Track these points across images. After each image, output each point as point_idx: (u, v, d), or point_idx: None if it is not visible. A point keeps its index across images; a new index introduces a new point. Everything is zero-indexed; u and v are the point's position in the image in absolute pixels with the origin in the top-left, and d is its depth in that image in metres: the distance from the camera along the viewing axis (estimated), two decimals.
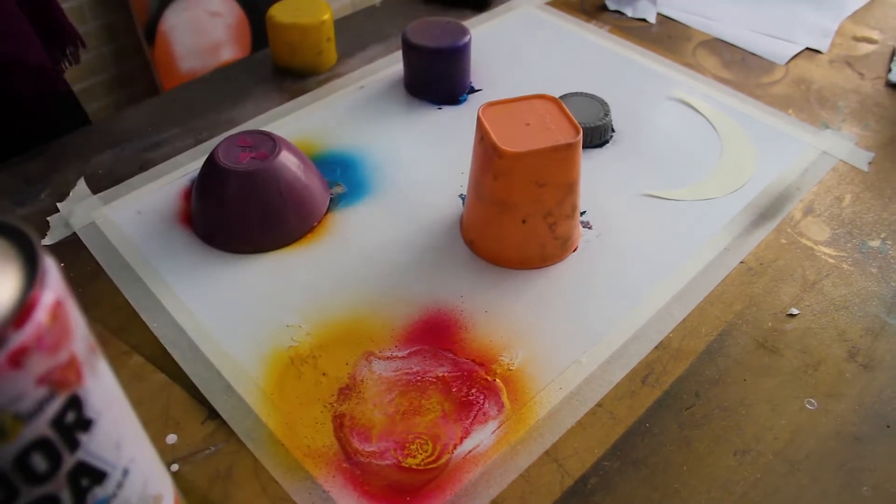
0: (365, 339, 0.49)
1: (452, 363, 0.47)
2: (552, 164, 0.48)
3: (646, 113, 0.68)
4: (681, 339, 0.49)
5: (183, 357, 0.48)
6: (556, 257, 0.54)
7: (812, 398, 0.46)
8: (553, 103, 0.52)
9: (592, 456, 0.43)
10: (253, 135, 0.56)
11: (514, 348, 0.48)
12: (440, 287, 0.52)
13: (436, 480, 0.42)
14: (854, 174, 0.62)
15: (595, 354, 0.48)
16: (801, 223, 0.58)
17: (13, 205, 0.59)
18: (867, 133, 0.67)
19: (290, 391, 0.46)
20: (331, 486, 0.41)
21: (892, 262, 0.55)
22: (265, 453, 0.43)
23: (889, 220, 0.58)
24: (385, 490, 0.41)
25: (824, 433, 0.44)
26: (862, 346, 0.49)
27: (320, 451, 0.43)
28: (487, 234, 0.53)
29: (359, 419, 0.44)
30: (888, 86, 0.73)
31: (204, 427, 0.44)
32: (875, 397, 0.46)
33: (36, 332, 0.22)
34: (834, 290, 0.53)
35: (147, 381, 0.47)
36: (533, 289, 0.52)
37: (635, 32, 0.80)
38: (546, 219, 0.51)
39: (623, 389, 0.46)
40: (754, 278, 0.53)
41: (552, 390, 0.46)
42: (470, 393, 0.46)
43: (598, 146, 0.64)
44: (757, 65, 0.76)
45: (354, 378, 0.47)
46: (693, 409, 0.46)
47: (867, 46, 0.79)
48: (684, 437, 0.44)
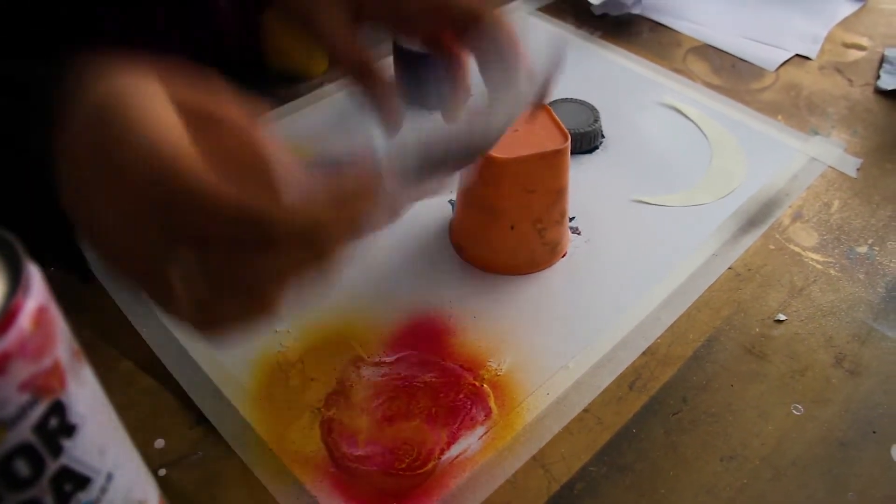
0: (353, 344, 0.49)
1: (440, 369, 0.47)
2: (540, 170, 0.49)
3: (635, 119, 0.68)
4: (668, 345, 0.50)
5: (172, 362, 0.48)
6: (544, 263, 0.54)
7: (799, 404, 0.47)
8: (541, 109, 0.52)
9: (579, 461, 0.43)
10: None
11: (502, 354, 0.49)
12: (429, 293, 0.52)
13: (423, 486, 0.42)
14: (842, 180, 0.63)
15: (583, 360, 0.48)
16: (789, 229, 0.58)
17: None
18: (856, 139, 0.67)
19: (278, 396, 0.46)
20: (318, 490, 0.41)
21: (879, 268, 0.55)
22: (253, 458, 0.43)
23: (876, 227, 0.58)
24: (372, 495, 0.41)
25: (811, 439, 0.45)
26: (849, 352, 0.50)
27: (308, 456, 0.43)
28: (476, 240, 0.53)
29: (346, 424, 0.45)
30: (877, 92, 0.73)
31: (192, 432, 0.45)
32: (861, 403, 0.47)
33: (19, 339, 0.23)
34: (821, 295, 0.53)
35: (136, 385, 0.47)
36: (521, 294, 0.53)
37: (626, 38, 0.80)
38: (535, 225, 0.51)
39: (610, 395, 0.47)
40: (742, 284, 0.54)
41: (539, 396, 0.46)
42: (457, 398, 0.46)
43: (588, 152, 0.64)
44: (747, 71, 0.76)
45: (342, 383, 0.47)
46: (680, 414, 0.46)
47: (856, 53, 0.79)
48: (671, 442, 0.44)
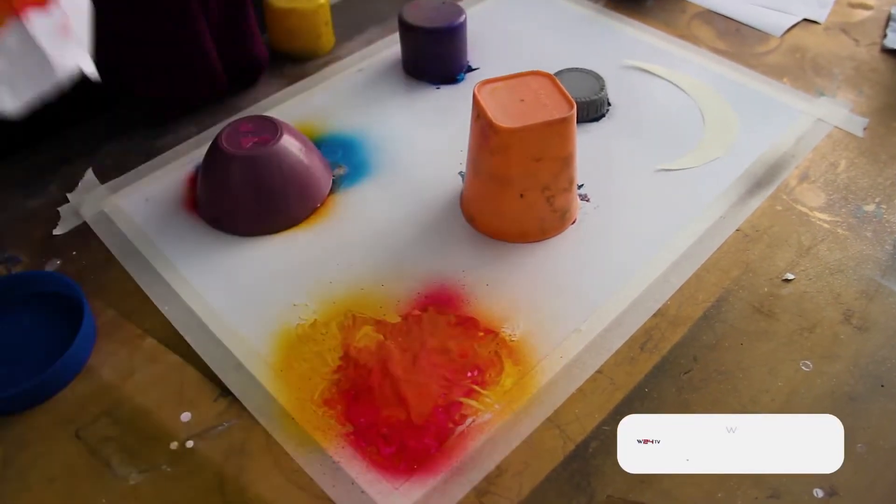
0: (370, 314, 0.50)
1: (455, 334, 0.49)
2: (547, 138, 0.49)
3: (642, 86, 0.69)
4: (678, 307, 0.50)
5: (194, 338, 0.49)
6: (554, 230, 0.55)
7: (807, 360, 0.47)
8: (547, 79, 0.52)
9: (593, 421, 0.44)
10: (255, 120, 0.57)
11: (516, 319, 0.50)
12: (442, 262, 0.53)
13: (441, 448, 0.43)
14: (849, 140, 0.63)
15: (594, 323, 0.49)
16: (796, 190, 0.58)
17: (24, 197, 0.61)
18: (862, 99, 0.67)
19: (299, 367, 0.47)
20: (340, 456, 0.43)
21: (886, 226, 0.55)
22: (276, 427, 0.44)
23: (883, 185, 0.59)
24: (392, 458, 0.43)
25: (820, 394, 0.46)
26: (856, 308, 0.50)
27: (329, 424, 0.44)
28: (487, 209, 0.54)
29: (365, 391, 0.46)
30: (883, 51, 0.73)
31: (217, 404, 0.46)
32: (869, 358, 0.47)
33: None
34: (829, 254, 0.54)
35: (160, 362, 0.48)
36: (533, 261, 0.53)
37: (630, 6, 0.80)
38: (543, 192, 0.52)
39: (622, 356, 0.48)
40: (750, 245, 0.54)
41: (553, 359, 0.47)
42: (473, 361, 0.47)
43: (595, 120, 0.65)
44: (751, 34, 0.76)
45: (360, 351, 0.48)
46: (691, 373, 0.47)
47: (862, 13, 0.79)
48: (683, 400, 0.45)
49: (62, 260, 0.55)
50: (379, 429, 0.44)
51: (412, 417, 0.44)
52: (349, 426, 0.44)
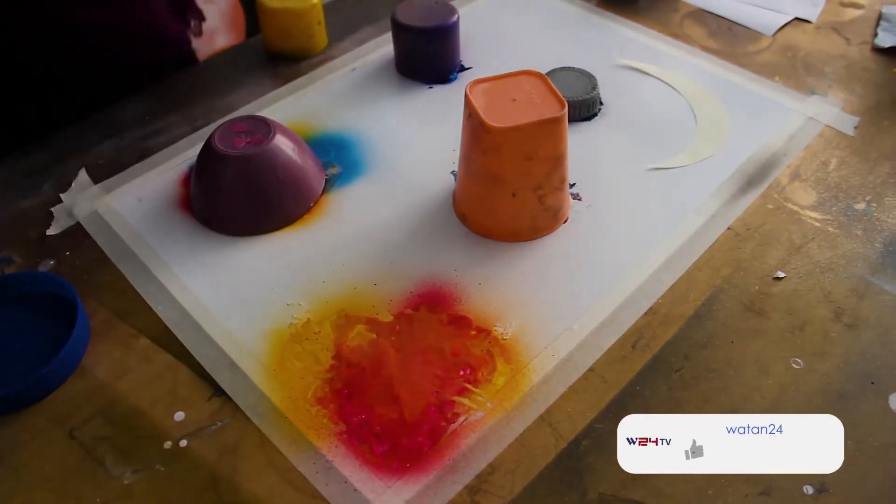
0: (363, 313, 0.50)
1: (447, 333, 0.49)
2: (539, 137, 0.50)
3: (634, 85, 0.69)
4: (670, 305, 0.51)
5: (187, 338, 0.50)
6: (546, 229, 0.55)
7: (798, 358, 0.48)
8: (539, 78, 0.53)
9: (585, 419, 0.45)
10: (248, 120, 0.57)
11: (508, 318, 0.50)
12: (435, 261, 0.54)
13: (434, 446, 0.43)
14: (840, 139, 0.63)
15: (586, 321, 0.50)
16: (787, 188, 0.59)
17: (17, 197, 0.61)
18: (853, 98, 0.68)
19: (292, 366, 0.48)
20: (333, 455, 0.43)
21: (876, 224, 0.56)
22: (269, 427, 0.45)
23: (874, 183, 0.59)
24: (385, 457, 0.43)
25: (810, 391, 0.46)
26: (847, 306, 0.51)
27: (322, 423, 0.45)
28: (479, 208, 0.55)
29: (358, 389, 0.46)
30: (874, 50, 0.74)
31: (210, 404, 0.46)
32: (860, 355, 0.48)
33: None
34: (819, 252, 0.54)
35: (154, 361, 0.48)
36: (525, 260, 0.54)
37: (622, 5, 0.80)
38: (535, 191, 0.52)
39: (614, 354, 0.48)
40: (741, 243, 0.55)
41: (545, 357, 0.48)
42: (465, 359, 0.47)
43: (587, 119, 0.65)
44: (743, 33, 0.76)
45: (353, 350, 0.48)
46: (682, 371, 0.47)
47: (854, 12, 0.80)
48: (674, 398, 0.46)
49: (55, 260, 0.55)
50: (372, 427, 0.44)
51: (405, 416, 0.45)
52: (342, 425, 0.44)
